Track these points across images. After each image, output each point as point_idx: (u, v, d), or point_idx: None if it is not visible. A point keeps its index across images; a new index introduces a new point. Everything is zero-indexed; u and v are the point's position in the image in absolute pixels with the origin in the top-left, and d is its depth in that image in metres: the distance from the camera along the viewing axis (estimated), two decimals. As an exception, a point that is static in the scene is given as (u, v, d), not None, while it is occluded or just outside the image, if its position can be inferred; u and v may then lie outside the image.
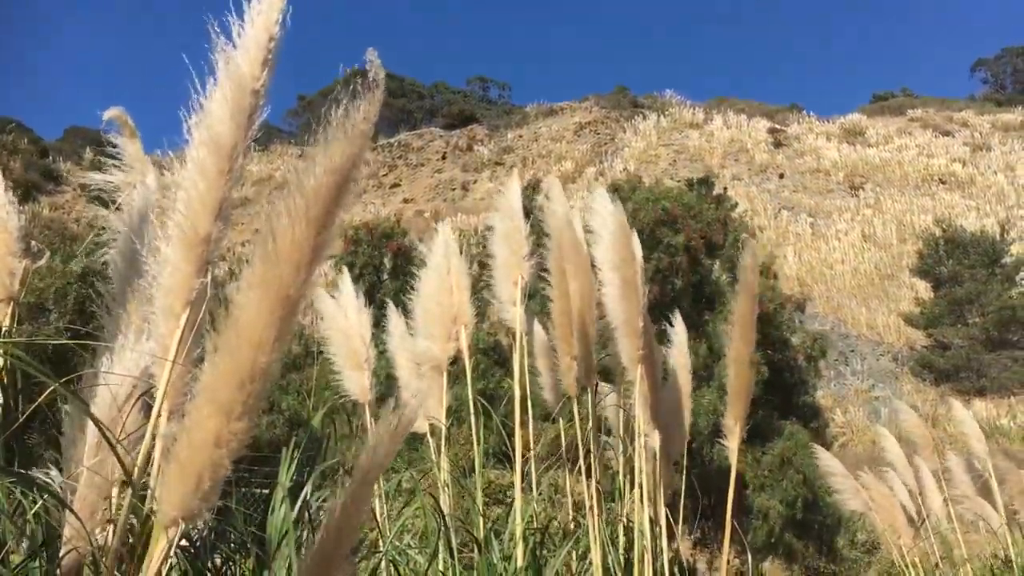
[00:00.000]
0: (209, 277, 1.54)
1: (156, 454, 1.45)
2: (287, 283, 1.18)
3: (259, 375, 1.17)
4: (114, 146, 2.08)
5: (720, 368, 9.72)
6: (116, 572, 1.38)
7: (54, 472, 1.56)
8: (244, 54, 1.52)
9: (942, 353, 24.70)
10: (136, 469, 1.41)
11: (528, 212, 3.35)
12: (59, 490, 1.50)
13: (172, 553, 1.33)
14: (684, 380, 3.51)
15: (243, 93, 1.50)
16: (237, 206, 34.14)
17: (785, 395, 10.93)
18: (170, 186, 1.55)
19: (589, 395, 3.26)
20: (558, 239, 3.16)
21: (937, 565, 4.89)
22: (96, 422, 1.38)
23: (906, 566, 4.53)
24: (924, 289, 27.79)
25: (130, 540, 1.43)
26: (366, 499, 1.21)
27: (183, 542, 1.92)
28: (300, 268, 1.19)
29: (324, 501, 2.62)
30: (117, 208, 1.96)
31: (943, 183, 38.33)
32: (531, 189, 12.17)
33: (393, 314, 3.63)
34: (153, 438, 1.44)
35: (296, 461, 2.32)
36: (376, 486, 3.23)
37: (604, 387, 3.73)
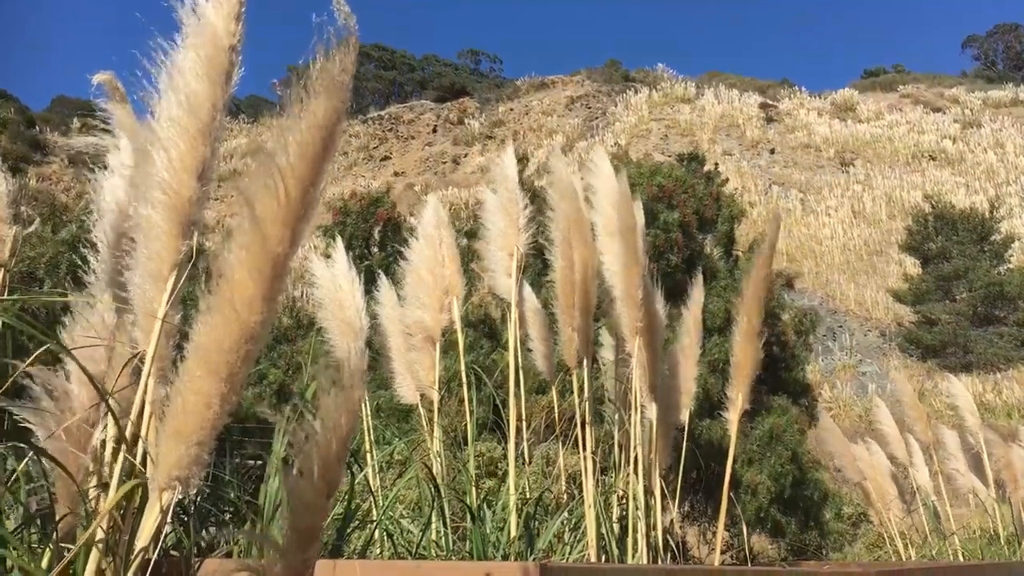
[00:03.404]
0: (195, 242, 1.51)
1: (145, 416, 1.43)
2: (276, 241, 1.16)
3: (251, 335, 1.15)
4: (103, 111, 2.03)
5: (712, 345, 9.73)
6: (109, 532, 1.36)
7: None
8: (216, 9, 1.48)
9: (929, 329, 24.81)
10: (129, 426, 1.39)
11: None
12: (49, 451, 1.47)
13: (168, 519, 1.31)
14: (690, 345, 3.48)
15: (218, 50, 1.46)
16: (225, 179, 33.91)
17: (774, 371, 10.95)
18: (148, 149, 1.50)
19: (586, 366, 3.24)
20: (561, 208, 3.13)
21: (926, 538, 4.92)
22: (89, 377, 1.36)
23: (894, 536, 4.56)
24: (912, 265, 27.88)
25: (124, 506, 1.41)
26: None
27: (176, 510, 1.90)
28: (288, 226, 1.17)
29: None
30: (105, 173, 1.92)
31: (933, 160, 38.37)
32: (520, 162, 12.08)
33: (384, 285, 3.60)
34: (142, 399, 1.41)
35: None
36: (369, 456, 3.22)
37: (602, 357, 3.71)
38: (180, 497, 1.22)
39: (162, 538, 1.32)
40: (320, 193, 1.23)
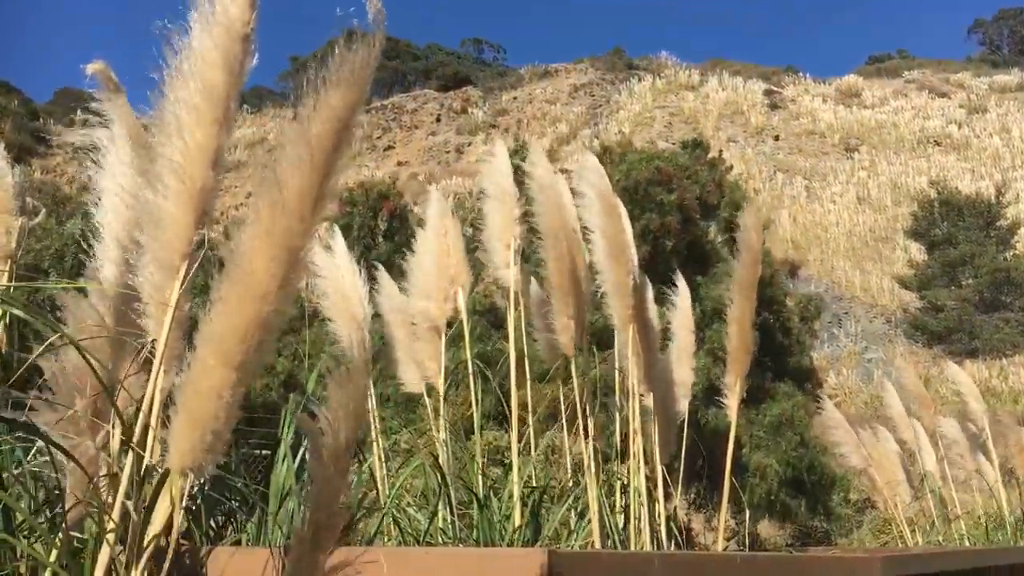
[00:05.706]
0: (206, 232, 1.52)
1: (155, 406, 1.44)
2: (292, 232, 1.17)
3: (264, 325, 1.16)
4: (97, 102, 2.03)
5: (712, 332, 9.72)
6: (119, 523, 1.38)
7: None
8: (233, -3, 1.48)
9: (935, 315, 24.74)
10: (139, 417, 1.40)
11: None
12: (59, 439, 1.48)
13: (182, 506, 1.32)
14: (685, 340, 3.51)
15: (234, 38, 1.47)
16: (230, 169, 33.87)
17: (779, 357, 10.96)
18: (161, 138, 1.51)
19: (585, 355, 3.26)
20: (543, 201, 3.16)
21: (933, 523, 4.94)
22: (91, 366, 1.37)
23: (900, 522, 4.57)
24: (918, 251, 27.79)
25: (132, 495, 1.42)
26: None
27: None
28: (304, 217, 1.18)
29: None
30: (100, 165, 1.93)
31: (939, 145, 38.21)
32: (520, 151, 12.08)
33: (389, 275, 3.61)
34: (153, 389, 1.42)
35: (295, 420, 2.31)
36: (376, 446, 3.24)
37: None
38: (192, 485, 1.23)
39: (176, 527, 1.33)
40: (335, 184, 1.24)
